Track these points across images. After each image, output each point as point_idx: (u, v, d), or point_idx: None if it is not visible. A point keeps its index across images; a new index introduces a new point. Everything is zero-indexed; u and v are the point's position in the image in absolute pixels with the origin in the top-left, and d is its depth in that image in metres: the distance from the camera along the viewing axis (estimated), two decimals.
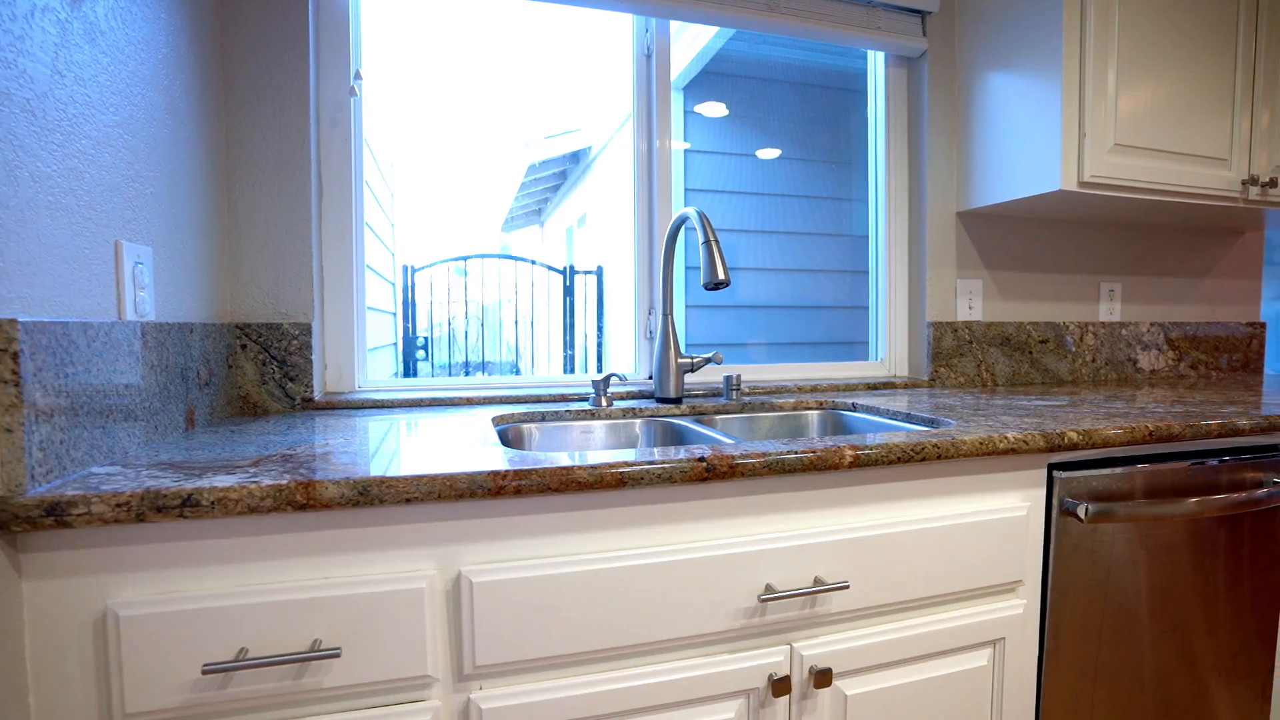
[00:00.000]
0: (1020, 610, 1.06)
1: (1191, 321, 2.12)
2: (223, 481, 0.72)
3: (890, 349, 1.82)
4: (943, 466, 1.00)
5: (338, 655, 0.72)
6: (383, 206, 3.16)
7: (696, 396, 1.53)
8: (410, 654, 0.77)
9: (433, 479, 0.76)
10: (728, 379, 1.48)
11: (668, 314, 1.45)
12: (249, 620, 0.72)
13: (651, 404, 1.42)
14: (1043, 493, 1.08)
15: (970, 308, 1.79)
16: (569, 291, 4.46)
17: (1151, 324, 2.05)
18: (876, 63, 1.86)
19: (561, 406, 1.38)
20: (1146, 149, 1.53)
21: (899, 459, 0.92)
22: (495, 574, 0.79)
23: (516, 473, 0.78)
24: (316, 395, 1.35)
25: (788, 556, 0.90)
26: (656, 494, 0.85)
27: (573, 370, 3.97)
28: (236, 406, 1.29)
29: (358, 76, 1.38)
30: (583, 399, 1.46)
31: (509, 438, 1.25)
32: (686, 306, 2.66)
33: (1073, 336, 1.92)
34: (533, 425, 1.29)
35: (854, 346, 2.17)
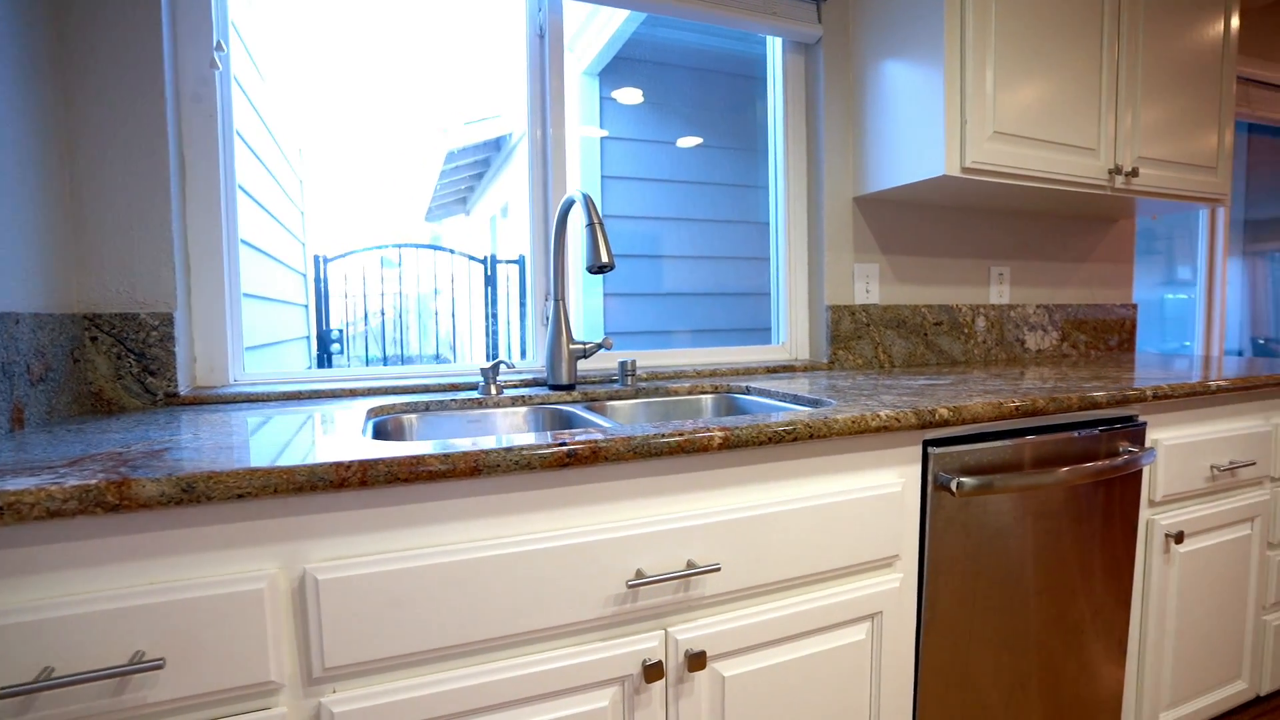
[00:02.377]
0: (897, 584, 1.09)
1: (1073, 304, 2.24)
2: (18, 485, 0.65)
3: (791, 333, 1.84)
4: (819, 446, 1.01)
5: (160, 666, 0.67)
6: (289, 195, 3.00)
7: (591, 383, 1.50)
8: (251, 659, 0.73)
9: (268, 473, 0.71)
10: (623, 364, 1.47)
11: (559, 299, 1.42)
12: (56, 635, 0.66)
13: (544, 391, 1.39)
14: (918, 469, 1.11)
15: (867, 291, 1.84)
16: (490, 281, 4.36)
17: (1038, 306, 2.15)
18: (774, 49, 1.87)
19: (448, 396, 1.33)
20: (1023, 137, 1.60)
21: (770, 440, 0.93)
22: (344, 570, 0.75)
23: (362, 464, 0.74)
24: (182, 390, 1.26)
25: (659, 541, 0.89)
26: (516, 481, 0.83)
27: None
28: (87, 404, 1.19)
29: (219, 48, 1.28)
30: (473, 388, 1.42)
31: (387, 430, 1.20)
32: (605, 295, 2.64)
33: (965, 318, 2.00)
34: (413, 416, 1.24)
35: (766, 332, 2.20)
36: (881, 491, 1.05)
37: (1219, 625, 1.56)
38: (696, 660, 0.90)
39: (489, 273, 4.34)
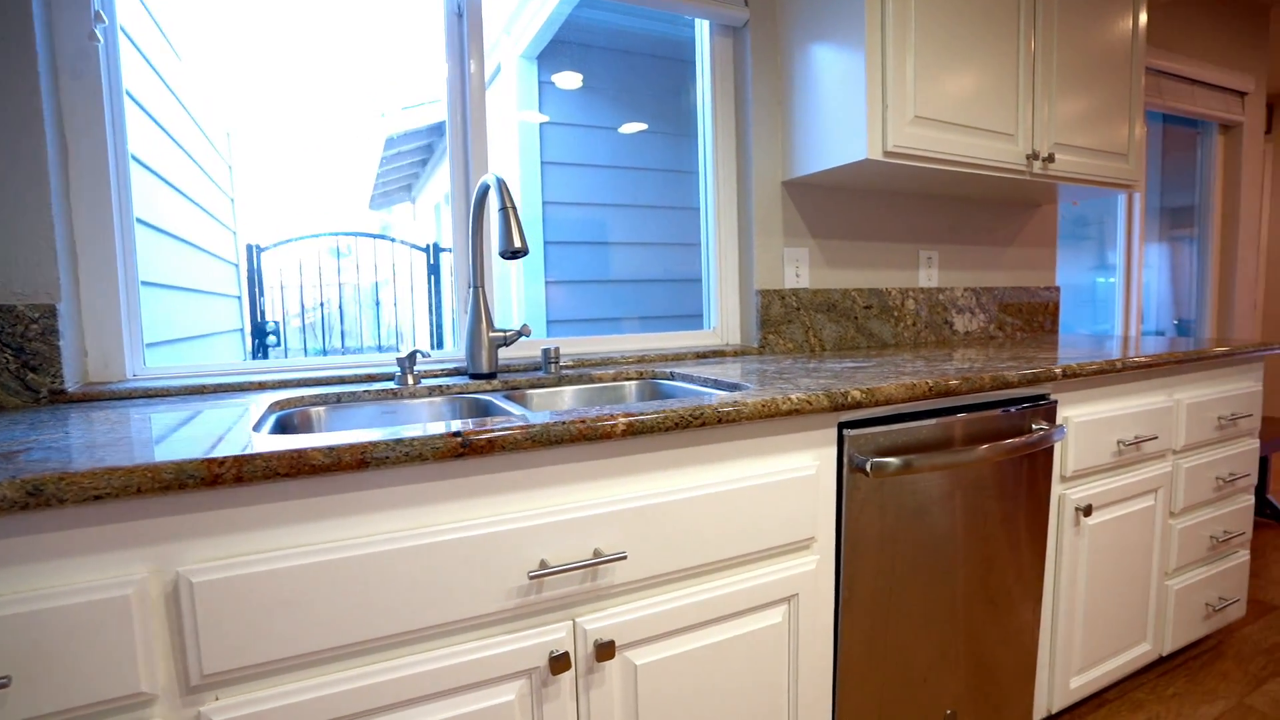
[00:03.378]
0: (814, 566, 1.09)
1: (1000, 286, 2.30)
2: None
3: (722, 318, 1.84)
4: (731, 430, 1.01)
5: (6, 685, 0.62)
6: (216, 181, 2.86)
7: (515, 371, 1.47)
8: (119, 670, 0.68)
9: (129, 472, 0.66)
10: (545, 352, 1.44)
11: (478, 286, 1.39)
12: None
13: (464, 380, 1.36)
14: (834, 451, 1.12)
15: (797, 275, 1.84)
16: (434, 270, 4.27)
17: (966, 289, 2.20)
18: (703, 32, 1.86)
19: (362, 387, 1.28)
20: (943, 122, 1.62)
21: (677, 425, 0.92)
22: (224, 571, 0.71)
23: (236, 460, 0.70)
24: (70, 387, 1.18)
25: (564, 530, 0.87)
26: (410, 474, 0.80)
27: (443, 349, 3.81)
28: None
29: (98, 19, 1.20)
30: (389, 378, 1.37)
31: (293, 423, 1.15)
32: (547, 283, 2.60)
33: (894, 302, 2.03)
34: (322, 409, 1.20)
35: (703, 318, 2.20)
36: (796, 474, 1.05)
37: (1126, 591, 1.62)
38: (605, 650, 0.89)
39: (431, 261, 4.24)
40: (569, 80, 2.58)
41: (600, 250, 2.55)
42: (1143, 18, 1.98)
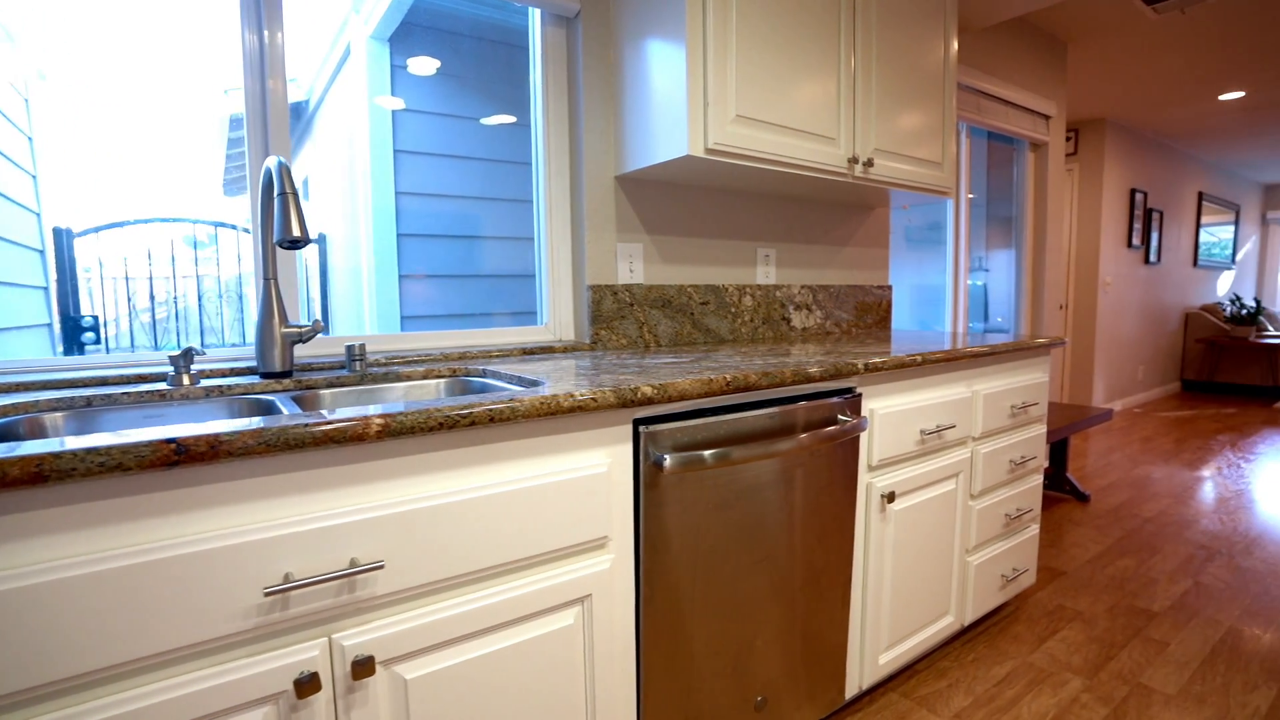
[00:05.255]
0: (608, 565, 1.08)
1: (835, 284, 2.41)
2: None
3: (554, 313, 1.81)
4: (511, 429, 0.97)
5: None
6: (9, 156, 2.49)
7: (314, 370, 1.37)
8: None
9: None
10: (349, 349, 1.35)
11: (270, 278, 1.27)
12: None
13: (252, 380, 1.24)
14: (629, 448, 1.11)
15: (631, 271, 1.84)
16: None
17: (803, 286, 2.29)
18: (535, 20, 1.81)
19: (121, 389, 1.14)
20: (766, 122, 1.66)
21: (442, 425, 0.87)
22: None
23: None
24: None
25: (314, 541, 0.80)
26: (113, 486, 0.70)
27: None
28: None
29: None
30: (163, 378, 1.23)
31: (18, 432, 1.00)
32: (400, 277, 2.47)
33: (732, 298, 2.07)
34: (58, 415, 1.05)
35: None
36: (586, 473, 1.03)
37: (931, 570, 1.75)
38: (363, 667, 0.83)
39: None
40: (424, 66, 2.46)
41: (463, 244, 2.45)
42: (954, 44, 2.14)
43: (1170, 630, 2.10)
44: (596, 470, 1.04)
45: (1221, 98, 4.62)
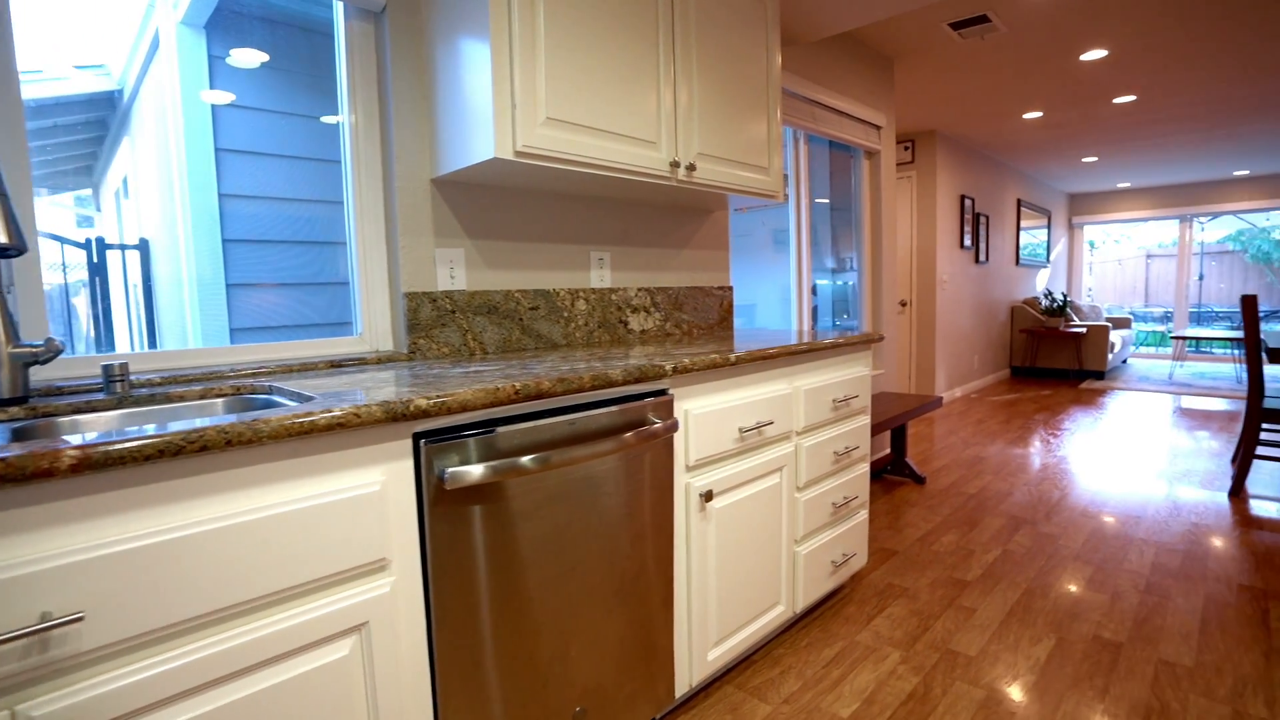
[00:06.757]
0: (388, 589, 1.02)
1: (675, 286, 2.46)
2: None
3: (370, 323, 1.72)
4: (258, 452, 0.89)
5: None
6: None
7: (65, 394, 1.21)
8: None
9: None
10: (107, 369, 1.20)
11: None
12: None
13: None
14: (410, 464, 1.05)
15: (452, 277, 1.78)
16: (97, 270, 3.56)
17: (640, 289, 2.31)
18: (338, 14, 1.71)
19: None
20: (580, 125, 1.65)
21: (161, 453, 0.78)
22: None
23: None
24: None
25: None
26: None
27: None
28: None
29: None
30: None
31: None
32: (228, 286, 2.25)
33: (564, 302, 2.05)
34: None
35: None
36: (356, 493, 0.97)
37: (758, 563, 1.80)
38: None
39: (94, 260, 3.53)
40: (248, 58, 2.26)
41: (303, 250, 2.27)
42: (777, 54, 2.23)
43: (979, 597, 2.30)
44: (368, 490, 0.98)
45: (1025, 116, 5.17)
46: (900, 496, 3.44)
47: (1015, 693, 1.75)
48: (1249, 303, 3.25)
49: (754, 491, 1.77)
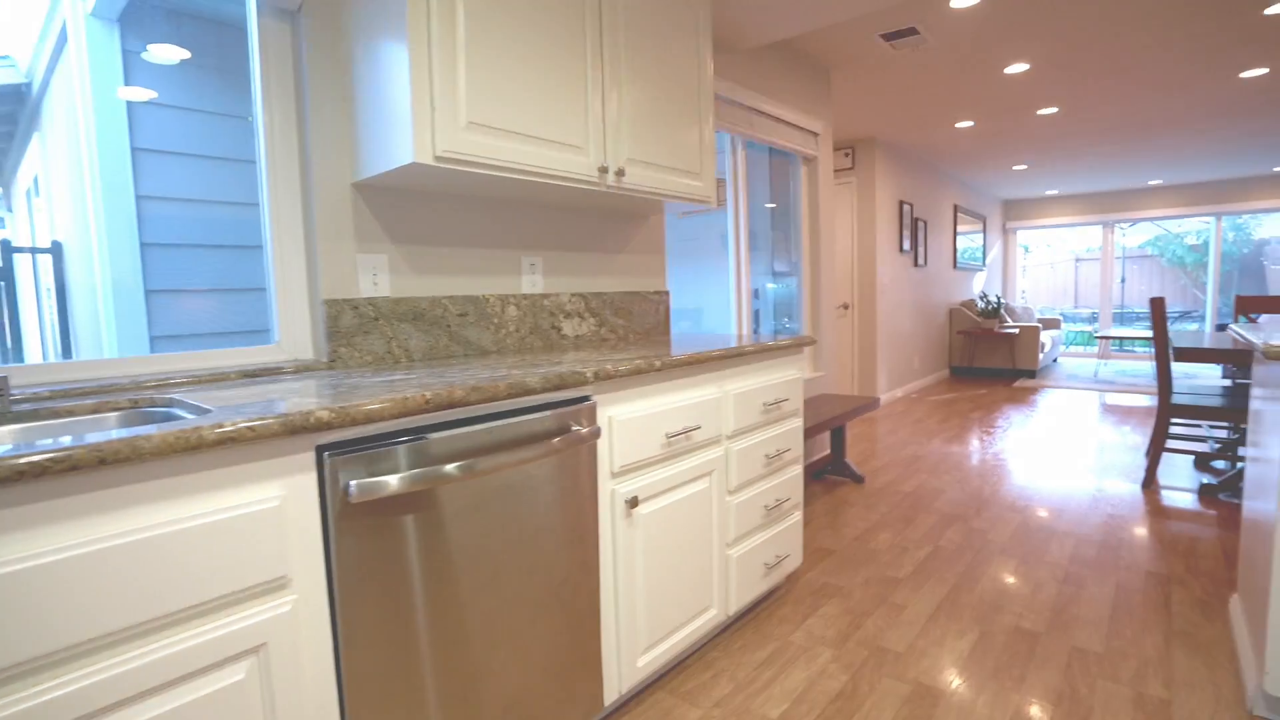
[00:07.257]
0: (289, 608, 0.99)
1: (609, 291, 2.46)
2: None
3: (287, 331, 1.66)
4: (155, 467, 0.85)
5: None
6: None
7: None
8: None
9: None
10: None
11: None
12: None
13: None
14: (313, 478, 1.02)
15: (376, 284, 1.74)
16: (4, 275, 3.36)
17: (573, 294, 2.30)
18: (250, 11, 1.65)
19: None
20: (504, 130, 1.63)
21: (22, 475, 0.73)
22: None
23: None
24: None
25: None
26: None
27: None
28: None
29: None
30: None
31: None
32: (147, 292, 2.15)
33: (494, 309, 2.03)
34: None
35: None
36: (253, 509, 0.93)
37: (688, 567, 1.81)
38: None
39: (1, 264, 3.34)
40: (166, 53, 2.16)
41: (231, 255, 2.18)
42: (709, 60, 2.26)
43: (909, 594, 2.36)
44: (265, 505, 0.95)
45: (958, 125, 5.36)
46: (840, 496, 3.51)
47: (938, 686, 1.80)
48: (1157, 305, 3.43)
49: (683, 496, 1.78)
